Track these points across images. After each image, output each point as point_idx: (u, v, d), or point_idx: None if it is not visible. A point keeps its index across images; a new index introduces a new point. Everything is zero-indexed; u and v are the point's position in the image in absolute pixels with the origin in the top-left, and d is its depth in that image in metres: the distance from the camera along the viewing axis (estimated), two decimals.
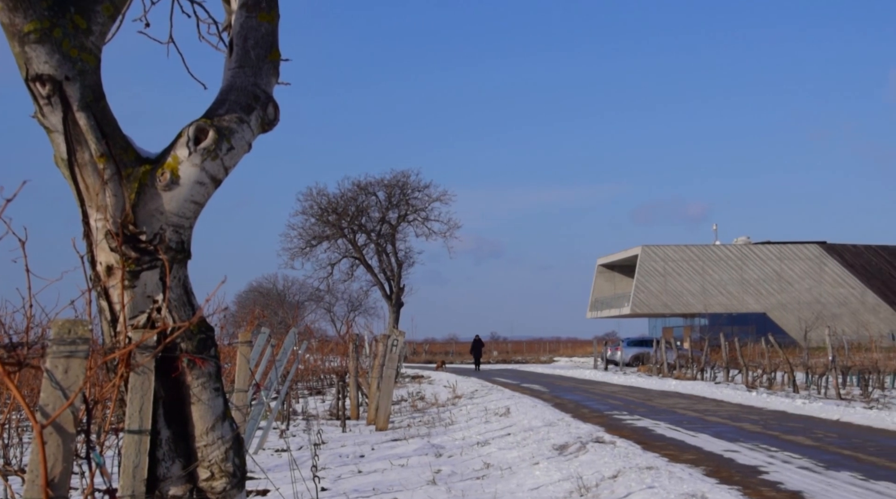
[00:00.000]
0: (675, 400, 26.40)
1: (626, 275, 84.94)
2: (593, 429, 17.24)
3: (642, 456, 13.30)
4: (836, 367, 28.00)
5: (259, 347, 12.89)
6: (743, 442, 15.69)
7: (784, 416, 20.96)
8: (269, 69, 4.16)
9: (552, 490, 11.00)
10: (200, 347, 3.88)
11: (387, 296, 73.76)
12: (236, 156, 3.95)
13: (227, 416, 3.96)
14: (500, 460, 13.76)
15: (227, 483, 3.88)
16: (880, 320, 73.97)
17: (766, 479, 11.72)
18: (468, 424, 20.13)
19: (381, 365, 20.50)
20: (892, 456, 13.83)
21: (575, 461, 12.97)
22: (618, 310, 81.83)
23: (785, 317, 75.58)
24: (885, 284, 79.09)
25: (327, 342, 31.28)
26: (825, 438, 16.38)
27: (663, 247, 78.12)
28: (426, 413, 23.32)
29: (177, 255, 3.84)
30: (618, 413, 21.91)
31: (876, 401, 25.32)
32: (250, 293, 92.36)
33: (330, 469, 13.11)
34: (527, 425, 18.35)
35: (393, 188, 73.32)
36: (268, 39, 4.15)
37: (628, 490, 10.48)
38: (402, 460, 13.97)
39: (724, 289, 77.50)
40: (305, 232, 72.39)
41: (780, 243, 79.65)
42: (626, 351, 53.74)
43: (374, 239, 73.68)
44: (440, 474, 12.50)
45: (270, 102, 4.13)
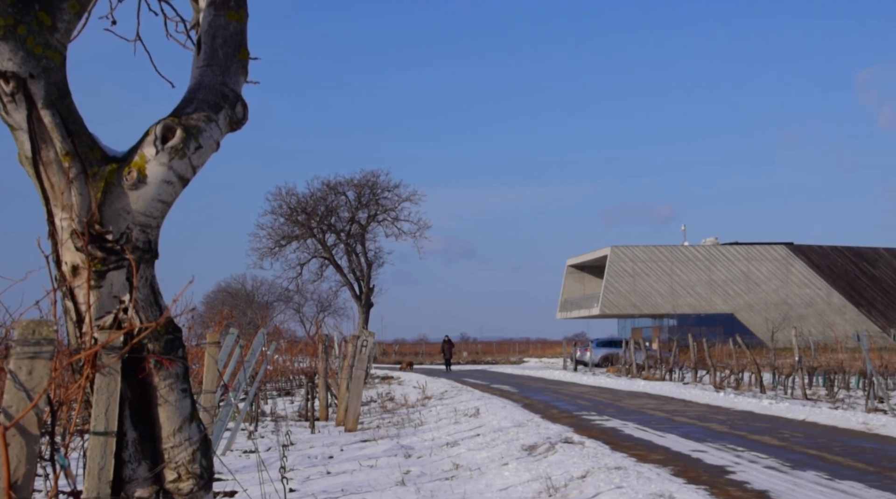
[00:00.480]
0: (644, 401, 26.52)
1: (596, 275, 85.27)
2: (562, 429, 17.28)
3: (611, 456, 13.35)
4: (803, 367, 28.23)
5: (227, 348, 12.81)
6: (710, 442, 15.79)
7: (751, 416, 21.11)
8: (238, 68, 4.13)
9: (521, 491, 11.01)
10: (168, 348, 3.85)
11: (356, 296, 73.62)
12: (204, 155, 3.92)
13: (194, 417, 3.93)
14: (470, 461, 13.77)
15: (194, 485, 3.85)
16: (846, 321, 74.69)
17: (732, 479, 11.79)
18: (438, 424, 20.12)
19: (350, 366, 20.45)
20: (857, 456, 13.97)
21: (544, 462, 13.00)
22: (587, 310, 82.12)
23: (752, 318, 76.15)
24: (850, 285, 79.91)
25: (296, 343, 31.16)
26: (791, 438, 16.52)
27: (632, 247, 78.50)
28: (396, 414, 23.29)
29: (144, 254, 3.81)
30: (587, 414, 21.98)
31: (841, 401, 25.56)
32: (219, 294, 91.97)
33: (298, 470, 13.06)
34: (496, 426, 18.37)
35: (363, 188, 73.19)
36: (236, 38, 4.12)
37: (597, 490, 10.51)
38: (371, 461, 13.95)
39: (693, 290, 77.98)
40: (274, 232, 72.12)
41: (747, 244, 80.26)
42: (596, 352, 53.93)
43: (343, 239, 73.50)
44: (409, 475, 12.48)
45: (239, 101, 4.11)
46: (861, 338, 22.98)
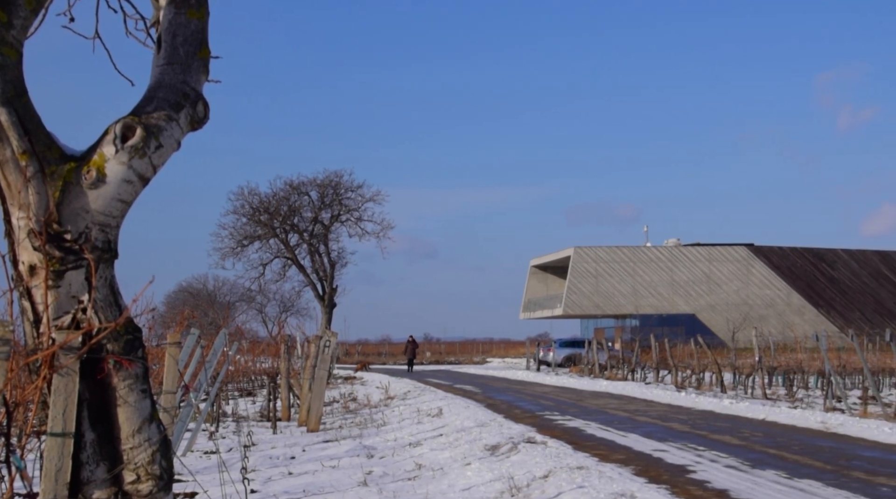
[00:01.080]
0: (606, 400, 26.66)
1: (559, 276, 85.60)
2: (525, 429, 17.32)
3: (573, 456, 13.40)
4: (763, 367, 28.51)
5: (188, 349, 12.72)
6: (672, 442, 15.90)
7: (712, 415, 21.28)
8: (199, 67, 4.10)
9: (484, 490, 11.03)
10: (127, 349, 3.81)
11: (319, 296, 73.35)
12: (165, 154, 3.89)
13: (154, 418, 3.90)
14: (432, 461, 13.77)
15: (153, 486, 3.82)
16: (805, 321, 75.52)
17: (693, 478, 11.88)
18: (400, 425, 20.11)
19: (312, 366, 20.38)
20: (816, 454, 14.12)
21: (507, 462, 13.03)
22: (550, 311, 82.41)
23: (713, 318, 76.78)
24: (809, 285, 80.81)
25: (259, 343, 31.02)
26: (751, 437, 16.67)
27: (595, 248, 78.88)
28: (358, 414, 23.25)
29: (103, 254, 3.77)
30: (549, 414, 22.05)
31: (800, 400, 25.84)
32: (180, 294, 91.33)
33: (260, 471, 13.00)
34: (459, 426, 18.38)
35: (326, 188, 72.91)
36: (197, 36, 4.09)
37: (559, 490, 10.55)
38: (334, 462, 13.91)
39: (655, 290, 78.50)
40: (237, 232, 71.66)
41: (709, 245, 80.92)
42: (559, 352, 54.11)
43: (306, 239, 73.19)
44: (372, 475, 12.46)
45: (200, 100, 4.08)
46: (820, 338, 23.24)
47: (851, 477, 11.87)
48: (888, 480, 11.65)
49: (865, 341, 35.32)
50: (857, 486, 11.16)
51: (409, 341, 58.08)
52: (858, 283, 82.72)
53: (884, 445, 15.50)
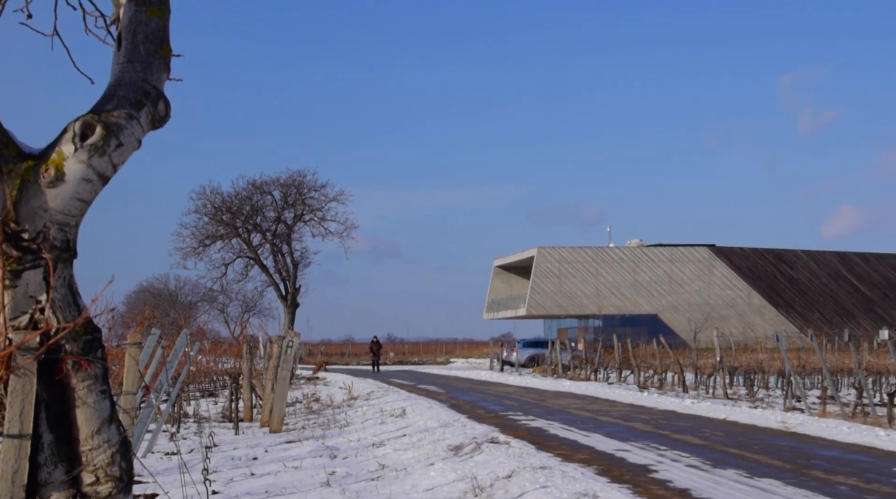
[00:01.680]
0: (569, 400, 26.76)
1: (522, 276, 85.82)
2: (488, 429, 17.35)
3: (536, 456, 13.44)
4: (724, 367, 28.75)
5: (149, 349, 12.63)
6: (634, 441, 15.98)
7: (674, 415, 21.42)
8: (160, 65, 4.07)
9: (447, 491, 11.03)
10: (86, 349, 3.78)
11: (282, 297, 73.05)
12: (125, 153, 3.86)
13: (113, 419, 3.87)
14: (396, 461, 13.75)
15: (112, 488, 3.79)
16: (765, 322, 76.25)
17: (655, 477, 11.95)
18: (364, 425, 20.07)
19: (275, 366, 20.30)
20: (776, 454, 14.26)
21: (470, 462, 13.04)
22: (514, 311, 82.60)
23: (676, 318, 77.33)
24: (770, 286, 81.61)
25: (221, 344, 30.82)
26: (712, 436, 16.80)
27: (558, 249, 79.18)
28: (321, 415, 23.17)
29: (62, 253, 3.73)
30: (513, 414, 22.10)
31: (760, 400, 26.08)
32: (140, 294, 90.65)
33: (222, 472, 12.92)
34: (422, 426, 18.38)
35: (289, 188, 72.63)
36: (158, 35, 4.06)
37: (522, 490, 10.57)
38: (296, 462, 13.86)
39: (618, 290, 78.92)
40: (198, 231, 71.18)
41: (671, 246, 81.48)
42: (522, 352, 54.20)
43: (269, 239, 72.86)
44: (335, 476, 12.43)
45: (161, 99, 4.05)
46: (780, 338, 23.47)
47: (810, 476, 12.00)
48: (846, 478, 11.79)
49: (824, 342, 35.70)
50: (816, 485, 11.28)
51: (374, 342, 57.87)
52: (818, 283, 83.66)
53: (842, 444, 15.68)
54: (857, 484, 11.34)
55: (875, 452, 14.65)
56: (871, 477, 11.92)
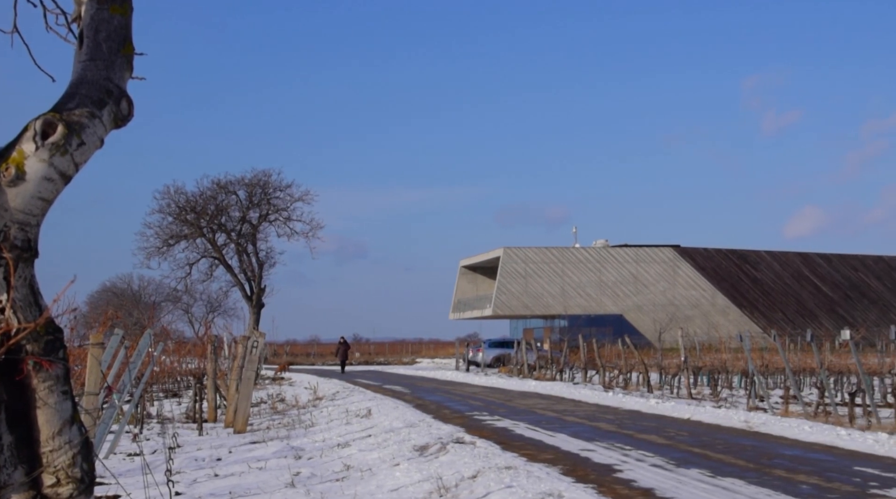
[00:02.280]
0: (535, 401, 26.84)
1: (488, 276, 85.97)
2: (454, 430, 17.36)
3: (502, 456, 13.46)
4: (688, 367, 28.96)
5: (112, 349, 12.53)
6: (599, 441, 16.06)
7: (638, 415, 21.54)
8: (123, 63, 4.03)
9: (412, 491, 11.03)
10: (48, 349, 3.74)
11: (247, 297, 72.71)
12: (87, 151, 3.82)
13: (75, 420, 3.83)
14: (361, 462, 13.73)
15: (73, 489, 3.75)
16: (729, 322, 76.86)
17: (620, 477, 12.02)
18: (329, 425, 20.02)
19: (240, 367, 20.21)
20: (739, 453, 14.38)
21: (435, 462, 13.04)
22: (480, 311, 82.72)
23: (641, 318, 77.77)
24: (733, 286, 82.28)
25: (185, 344, 30.64)
26: (677, 436, 16.91)
27: (524, 249, 79.39)
28: (286, 415, 23.09)
29: (22, 253, 3.69)
30: (478, 414, 22.13)
31: (724, 400, 26.28)
32: (103, 294, 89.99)
33: (185, 473, 12.84)
34: (388, 427, 18.36)
35: (254, 187, 72.30)
36: (121, 33, 4.02)
37: (487, 490, 10.59)
38: (261, 463, 13.80)
39: (583, 291, 79.25)
40: (162, 231, 70.69)
41: (636, 246, 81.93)
42: (488, 352, 54.29)
43: (234, 239, 72.50)
44: (299, 477, 12.39)
45: (124, 97, 4.01)
46: (743, 338, 23.67)
47: (773, 475, 12.11)
48: (808, 477, 11.91)
49: (787, 342, 36.07)
50: (778, 484, 11.39)
51: (341, 342, 57.47)
52: (781, 284, 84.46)
53: (804, 443, 15.84)
54: (819, 483, 11.47)
55: (836, 451, 14.81)
56: (833, 476, 12.05)
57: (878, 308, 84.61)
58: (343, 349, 56.66)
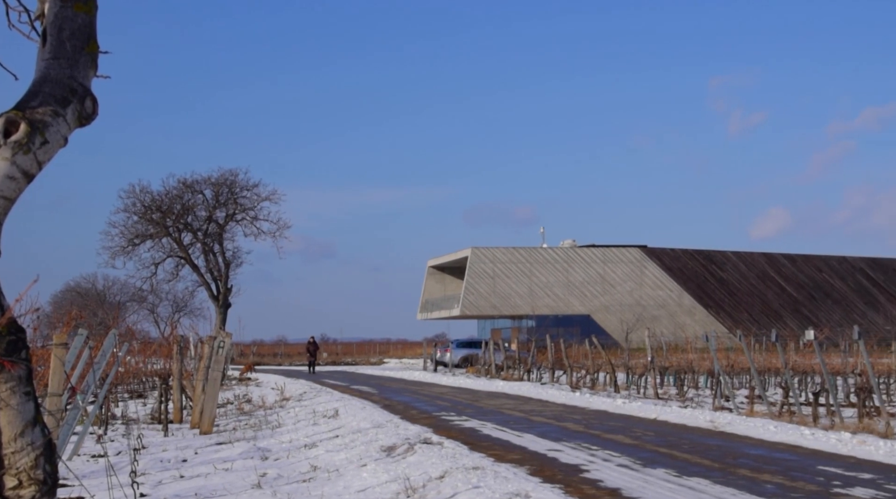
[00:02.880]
0: (503, 401, 26.87)
1: (456, 276, 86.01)
2: (421, 430, 17.35)
3: (469, 456, 13.47)
4: (655, 367, 29.11)
5: (76, 350, 12.40)
6: (566, 441, 16.10)
7: (605, 415, 21.63)
8: (87, 61, 3.99)
9: (379, 492, 11.01)
10: (10, 350, 3.69)
11: (213, 297, 72.33)
12: (51, 150, 3.78)
13: (38, 421, 3.79)
14: (328, 463, 13.69)
15: (36, 491, 3.71)
16: (695, 322, 77.36)
17: (587, 477, 12.05)
18: (296, 426, 19.94)
19: (206, 367, 20.08)
20: (704, 453, 14.47)
21: (403, 463, 13.02)
22: (448, 311, 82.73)
23: (608, 319, 78.10)
24: (700, 287, 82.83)
25: (150, 344, 30.39)
26: (643, 436, 16.99)
27: (492, 249, 79.49)
28: (253, 416, 22.98)
29: None
30: (446, 414, 22.13)
31: (690, 400, 26.45)
32: (67, 293, 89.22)
33: (150, 475, 12.75)
34: (355, 427, 18.32)
35: (221, 187, 71.92)
36: (85, 31, 3.98)
37: (455, 490, 10.58)
38: (227, 464, 13.72)
39: (551, 291, 79.47)
40: (128, 230, 70.15)
41: (603, 247, 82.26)
42: (456, 352, 54.33)
43: (200, 238, 72.07)
44: (266, 478, 12.33)
45: (88, 96, 3.97)
46: (709, 339, 23.83)
47: (738, 475, 12.20)
48: (772, 477, 12.00)
49: (752, 342, 36.34)
50: (743, 483, 11.48)
51: (310, 342, 56.96)
52: (746, 284, 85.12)
53: (769, 443, 15.96)
54: (783, 482, 11.56)
55: (800, 450, 14.94)
56: (797, 475, 12.16)
57: (842, 308, 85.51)
58: (312, 349, 56.20)
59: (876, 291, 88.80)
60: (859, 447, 14.93)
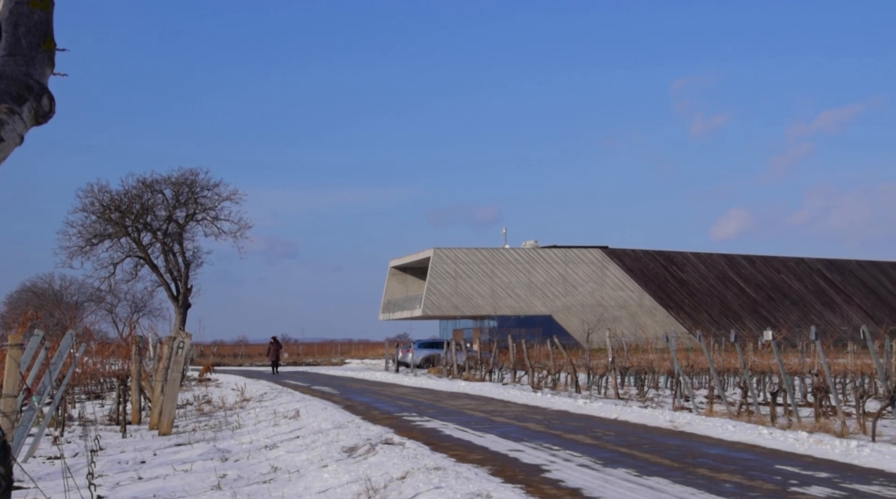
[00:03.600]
0: (464, 401, 26.88)
1: (419, 277, 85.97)
2: (383, 431, 17.31)
3: (431, 457, 13.45)
4: (616, 367, 29.25)
5: (31, 350, 12.24)
6: (527, 442, 16.13)
7: (567, 415, 21.69)
8: (44, 59, 3.94)
9: (340, 492, 10.97)
10: None
11: (173, 297, 71.79)
12: (6, 148, 3.72)
13: None
14: (289, 464, 13.62)
15: None
16: (656, 322, 77.86)
17: (548, 477, 12.08)
18: (256, 427, 19.83)
19: (165, 368, 19.92)
20: (664, 453, 14.55)
21: (364, 463, 12.99)
22: (410, 312, 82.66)
23: (569, 319, 78.40)
24: (660, 287, 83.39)
25: (108, 345, 30.10)
26: (604, 436, 17.06)
27: (454, 249, 79.53)
28: (213, 417, 22.82)
29: None
30: (408, 415, 22.10)
31: (651, 400, 26.60)
32: (23, 293, 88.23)
33: (108, 476, 12.61)
34: (316, 428, 18.24)
35: (181, 186, 71.41)
36: (41, 28, 3.92)
37: (416, 491, 10.57)
38: (186, 466, 13.61)
39: (513, 291, 79.64)
40: (86, 230, 69.48)
41: (565, 247, 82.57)
42: (417, 353, 54.26)
43: (160, 238, 71.52)
44: (226, 479, 12.24)
45: (45, 94, 3.92)
46: (669, 339, 23.96)
47: (697, 474, 12.28)
48: (731, 476, 12.10)
49: (712, 342, 36.62)
50: (702, 482, 11.55)
51: (272, 342, 55.91)
52: (706, 285, 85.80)
53: (727, 442, 16.09)
54: (741, 481, 11.66)
55: (758, 450, 15.07)
56: (755, 474, 12.26)
57: (800, 309, 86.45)
58: (275, 349, 55.14)
59: (832, 291, 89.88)
60: (816, 447, 15.08)
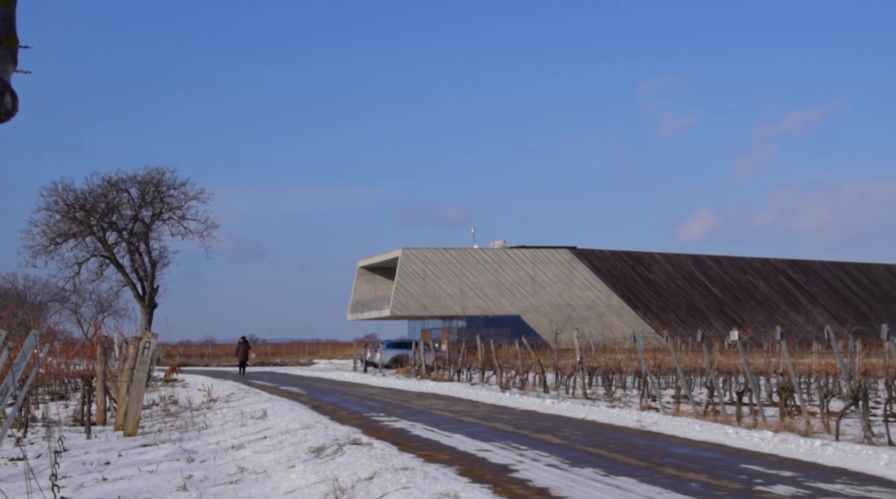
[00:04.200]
0: (433, 401, 26.86)
1: (387, 277, 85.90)
2: (351, 431, 17.26)
3: (398, 457, 13.43)
4: (583, 367, 29.33)
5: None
6: (495, 441, 16.14)
7: (534, 415, 21.73)
8: (6, 56, 3.89)
9: (308, 493, 10.93)
10: None
11: (139, 297, 71.27)
12: None
13: None
14: (256, 464, 13.55)
15: None
16: (624, 323, 78.24)
17: (515, 477, 12.09)
18: (223, 427, 19.71)
19: (131, 368, 19.76)
20: (632, 452, 14.61)
21: (332, 464, 12.94)
22: (378, 312, 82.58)
23: (538, 319, 78.63)
24: (628, 287, 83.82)
25: (73, 345, 29.81)
26: (572, 436, 17.10)
27: (423, 249, 79.54)
28: (179, 417, 22.66)
29: None
30: (376, 415, 22.06)
31: (618, 400, 26.70)
32: None
33: (72, 478, 12.48)
34: (284, 428, 18.16)
35: (147, 185, 70.91)
36: (4, 24, 3.87)
37: (384, 491, 10.54)
38: (152, 466, 13.50)
39: (481, 291, 79.76)
40: (50, 229, 68.86)
41: (533, 248, 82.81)
42: (386, 353, 54.18)
43: (125, 238, 70.98)
44: (192, 480, 12.16)
45: (7, 91, 3.87)
46: (637, 339, 24.06)
47: (664, 473, 12.33)
48: (697, 475, 12.16)
49: (679, 342, 36.81)
50: (669, 482, 11.60)
51: (241, 342, 55.25)
52: (673, 285, 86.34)
53: (694, 442, 16.18)
54: (707, 480, 11.72)
55: (724, 449, 15.17)
56: (721, 474, 12.33)
57: (765, 309, 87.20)
58: (243, 349, 54.55)
59: (797, 292, 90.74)
60: (781, 446, 15.20)
